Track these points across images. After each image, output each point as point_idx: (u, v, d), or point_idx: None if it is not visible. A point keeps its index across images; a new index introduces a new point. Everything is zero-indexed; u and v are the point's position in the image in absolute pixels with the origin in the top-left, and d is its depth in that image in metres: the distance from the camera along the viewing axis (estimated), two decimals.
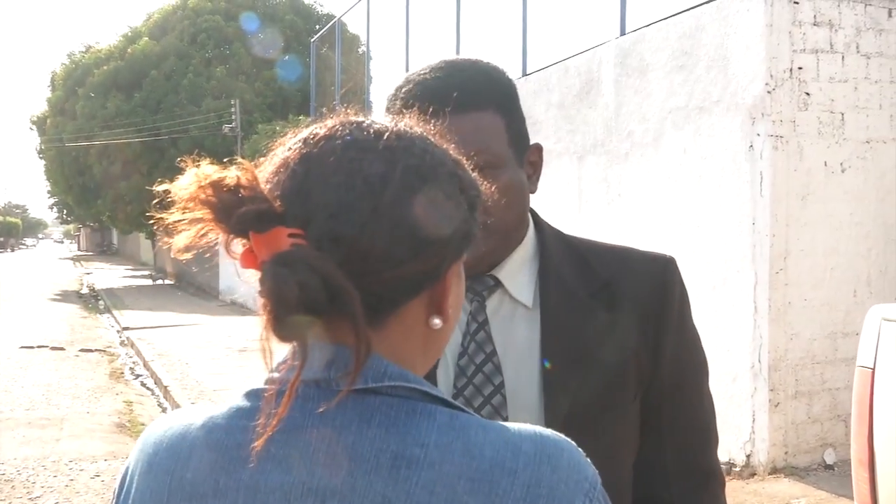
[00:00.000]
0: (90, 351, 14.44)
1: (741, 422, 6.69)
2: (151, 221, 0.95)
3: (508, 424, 0.93)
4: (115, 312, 20.59)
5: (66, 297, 26.36)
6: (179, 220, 0.90)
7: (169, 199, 0.91)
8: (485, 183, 1.05)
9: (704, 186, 7.07)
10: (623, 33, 8.31)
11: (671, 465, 1.56)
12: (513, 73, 10.29)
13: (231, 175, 0.90)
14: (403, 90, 1.46)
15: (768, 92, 6.54)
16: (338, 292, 0.87)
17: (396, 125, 0.97)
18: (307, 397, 0.90)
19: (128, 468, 1.00)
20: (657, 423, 1.54)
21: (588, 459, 0.93)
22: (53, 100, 35.43)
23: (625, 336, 1.49)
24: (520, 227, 1.51)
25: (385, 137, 0.94)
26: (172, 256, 0.98)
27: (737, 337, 6.74)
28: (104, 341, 15.98)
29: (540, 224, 1.58)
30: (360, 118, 0.98)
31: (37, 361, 13.22)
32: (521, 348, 1.48)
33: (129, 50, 32.46)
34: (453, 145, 1.02)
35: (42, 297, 25.27)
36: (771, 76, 6.53)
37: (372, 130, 0.95)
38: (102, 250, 69.36)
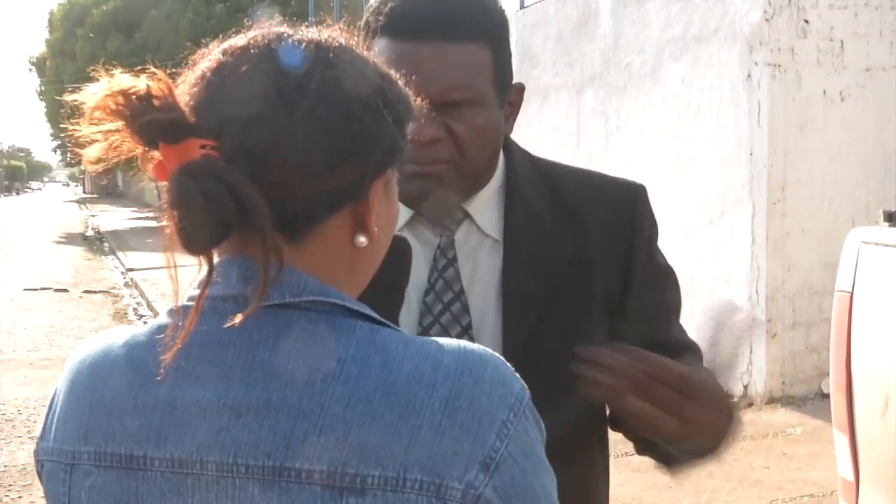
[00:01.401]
0: (94, 292, 14.49)
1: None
2: (63, 134, 0.92)
3: (435, 339, 0.91)
4: (119, 254, 20.60)
5: (70, 239, 26.40)
6: (93, 132, 0.88)
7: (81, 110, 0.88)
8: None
9: (703, 118, 7.01)
10: None
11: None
12: (510, 5, 10.17)
13: (141, 84, 0.87)
14: (389, 4, 1.36)
15: (766, 20, 6.44)
16: (246, 204, 0.85)
17: (319, 36, 0.94)
18: (225, 312, 0.88)
19: (56, 390, 0.99)
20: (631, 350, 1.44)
21: (517, 375, 0.92)
22: (52, 41, 35.18)
23: (592, 266, 1.44)
24: (489, 168, 1.43)
25: (303, 48, 0.92)
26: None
27: (735, 268, 6.73)
28: (108, 283, 16.03)
29: (510, 149, 1.50)
30: (283, 29, 0.95)
31: (40, 303, 13.28)
32: (487, 282, 1.43)
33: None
34: (379, 57, 0.99)
35: (46, 240, 25.32)
36: (769, 4, 6.43)
37: (291, 41, 0.92)
38: (108, 192, 69.35)
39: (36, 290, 14.56)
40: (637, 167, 7.72)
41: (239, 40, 0.93)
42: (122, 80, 0.87)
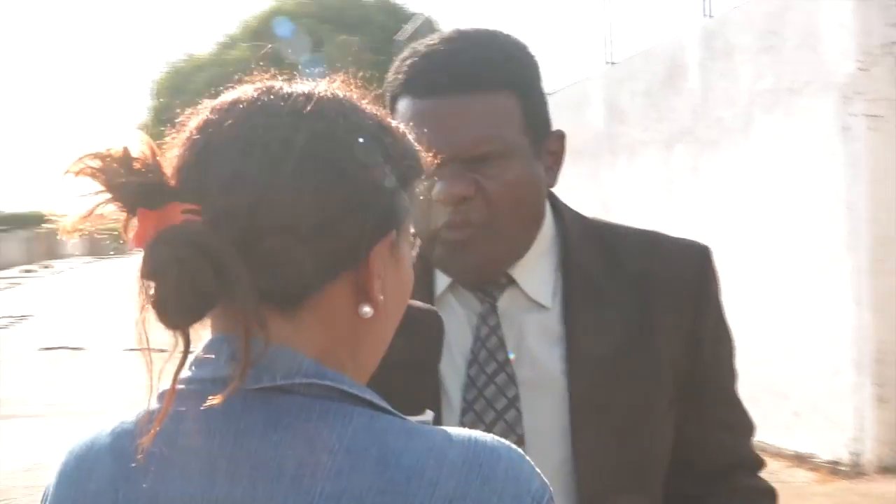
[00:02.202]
0: None
1: (845, 418, 6.37)
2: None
3: (445, 429, 0.81)
4: None
5: None
6: (75, 198, 0.80)
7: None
8: (429, 155, 0.92)
9: (797, 171, 6.75)
10: (708, 16, 8.02)
11: (715, 463, 1.43)
12: (598, 62, 10.08)
13: (117, 146, 0.79)
14: (407, 62, 1.29)
15: (862, 69, 6.20)
16: (225, 273, 0.75)
17: (313, 88, 0.85)
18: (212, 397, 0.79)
19: (48, 485, 0.92)
20: (698, 423, 1.39)
21: (537, 471, 0.80)
22: (155, 108, 36.34)
23: (659, 338, 1.33)
24: (531, 228, 1.33)
25: (293, 101, 0.83)
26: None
27: (837, 328, 6.41)
28: None
29: (559, 209, 1.40)
30: (273, 83, 0.86)
31: None
32: (536, 352, 1.33)
33: (225, 57, 33.09)
34: (383, 111, 0.89)
35: None
36: (865, 53, 6.20)
37: (281, 94, 0.83)
38: None
39: None
40: (730, 223, 7.48)
41: (228, 95, 0.85)
42: (100, 141, 0.79)
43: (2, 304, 23.73)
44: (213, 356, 0.83)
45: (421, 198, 1.23)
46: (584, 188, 10.26)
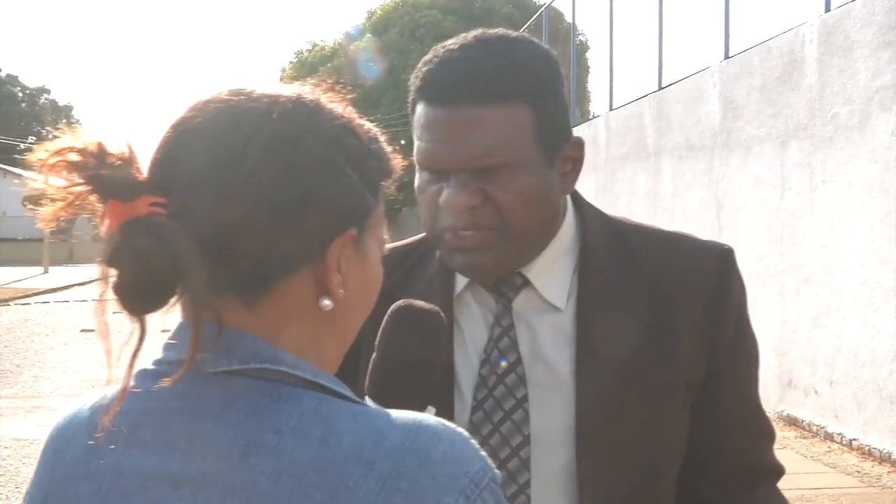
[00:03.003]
0: None
1: None
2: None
3: (389, 412, 0.86)
4: None
5: None
6: (53, 189, 0.87)
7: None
8: (400, 158, 0.97)
9: None
10: (827, 10, 7.83)
11: (731, 468, 1.44)
12: (715, 56, 9.93)
13: (92, 140, 0.86)
14: (424, 69, 1.31)
15: None
16: (179, 262, 0.82)
17: (279, 91, 0.92)
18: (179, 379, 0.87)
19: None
20: (714, 428, 1.41)
21: (483, 454, 0.84)
22: None
23: (675, 342, 1.35)
24: (544, 232, 1.35)
25: (258, 102, 0.89)
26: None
27: None
28: None
29: (583, 210, 1.42)
30: (247, 85, 0.92)
31: None
32: (549, 354, 1.36)
33: (351, 47, 33.63)
34: (352, 114, 0.95)
35: None
36: None
37: (250, 95, 0.90)
38: None
39: None
40: (843, 223, 7.31)
41: (203, 95, 0.92)
42: (77, 136, 0.86)
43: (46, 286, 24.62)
44: (177, 341, 0.89)
45: (430, 203, 1.30)
46: (698, 184, 10.15)
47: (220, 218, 0.84)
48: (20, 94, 73.65)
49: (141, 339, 0.85)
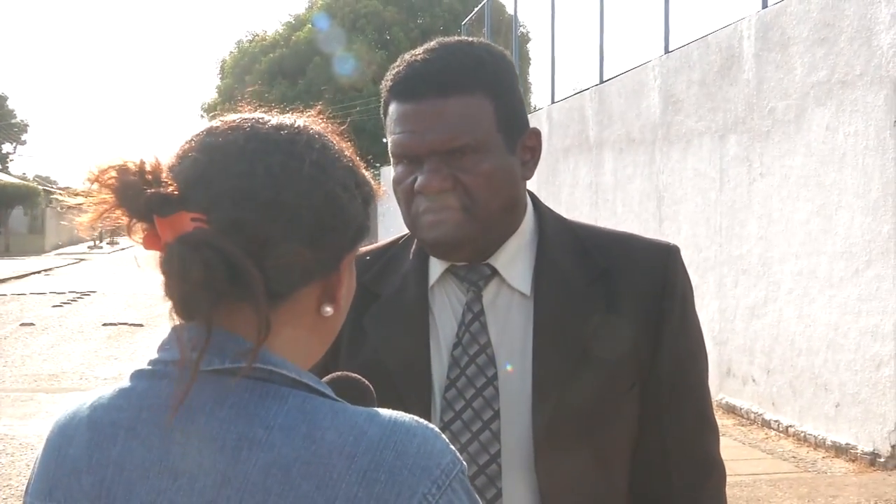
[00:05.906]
0: None
1: (885, 410, 6.38)
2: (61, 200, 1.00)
3: (371, 410, 0.94)
4: None
5: None
6: (86, 203, 0.95)
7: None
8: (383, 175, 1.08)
9: (847, 164, 6.74)
10: (764, 6, 8.00)
11: (672, 457, 1.54)
12: (655, 50, 10.08)
13: (134, 161, 0.94)
14: (394, 71, 1.48)
15: None
16: (240, 274, 0.91)
17: (295, 121, 1.02)
18: (171, 378, 0.95)
19: (39, 451, 1.07)
20: (657, 416, 1.52)
21: (451, 448, 0.94)
22: (223, 87, 36.83)
23: (623, 328, 1.47)
24: (508, 214, 1.49)
25: (284, 131, 0.99)
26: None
27: (882, 321, 6.41)
28: None
29: (540, 209, 1.57)
30: (260, 114, 1.02)
31: None
32: (517, 338, 1.48)
33: (292, 37, 33.41)
34: (345, 143, 1.06)
35: None
36: None
37: (271, 124, 1.00)
38: None
39: None
40: (780, 215, 7.49)
41: (221, 123, 1.01)
42: (116, 156, 0.95)
43: (69, 280, 24.28)
44: (173, 342, 0.98)
45: (406, 192, 1.44)
46: (639, 176, 10.30)
47: (263, 233, 0.94)
48: None
49: (207, 341, 0.92)
